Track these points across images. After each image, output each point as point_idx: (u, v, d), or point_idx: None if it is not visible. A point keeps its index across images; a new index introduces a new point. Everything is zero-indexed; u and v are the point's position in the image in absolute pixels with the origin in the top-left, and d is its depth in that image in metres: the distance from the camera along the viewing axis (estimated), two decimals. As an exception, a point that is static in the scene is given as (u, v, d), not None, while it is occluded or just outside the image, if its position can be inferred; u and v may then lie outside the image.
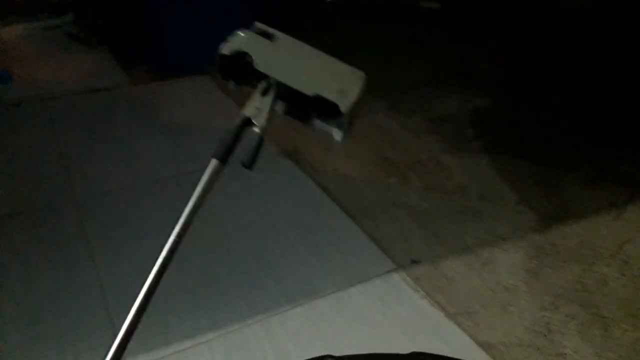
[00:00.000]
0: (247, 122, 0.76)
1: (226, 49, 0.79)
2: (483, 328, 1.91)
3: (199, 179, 0.75)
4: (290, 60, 0.81)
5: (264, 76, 0.79)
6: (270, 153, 2.87)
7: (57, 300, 1.96)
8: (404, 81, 3.71)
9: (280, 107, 0.83)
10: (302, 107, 0.81)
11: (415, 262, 2.18)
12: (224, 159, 0.73)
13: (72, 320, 1.89)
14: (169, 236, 0.69)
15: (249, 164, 0.74)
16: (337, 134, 0.80)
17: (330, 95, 0.75)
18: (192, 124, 3.14)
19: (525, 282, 2.11)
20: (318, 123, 0.83)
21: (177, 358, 1.78)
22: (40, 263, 2.13)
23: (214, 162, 0.72)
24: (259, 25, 0.85)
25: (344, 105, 0.74)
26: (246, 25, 0.90)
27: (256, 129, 0.74)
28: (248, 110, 0.76)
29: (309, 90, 0.76)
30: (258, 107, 0.76)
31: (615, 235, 2.35)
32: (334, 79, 0.77)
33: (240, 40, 0.80)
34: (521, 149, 2.98)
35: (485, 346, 1.84)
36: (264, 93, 0.78)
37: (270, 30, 0.84)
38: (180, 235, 0.70)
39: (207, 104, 3.39)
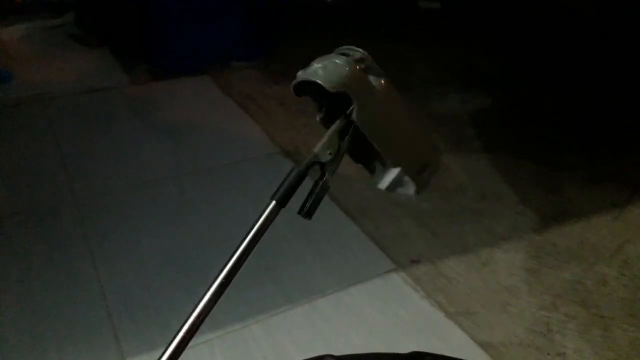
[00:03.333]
0: (315, 165, 0.68)
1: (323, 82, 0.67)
2: (483, 328, 1.91)
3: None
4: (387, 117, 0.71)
5: (344, 114, 0.68)
6: (272, 153, 2.88)
7: (57, 300, 1.96)
8: (403, 81, 3.70)
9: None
10: (366, 153, 0.73)
11: (415, 262, 2.19)
12: (283, 203, 0.65)
13: (72, 320, 1.89)
14: (215, 277, 0.64)
15: (308, 213, 0.65)
16: (409, 189, 0.73)
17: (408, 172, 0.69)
18: (192, 123, 3.15)
19: (525, 282, 2.11)
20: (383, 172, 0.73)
21: (177, 358, 1.78)
22: (40, 263, 2.13)
23: (272, 204, 0.64)
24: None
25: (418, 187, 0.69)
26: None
27: (326, 175, 0.66)
28: (320, 152, 0.67)
29: (391, 158, 0.70)
30: (331, 151, 0.68)
31: (615, 236, 2.36)
32: (413, 152, 0.70)
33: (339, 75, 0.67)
34: (521, 149, 2.98)
35: (485, 346, 1.84)
36: (341, 135, 0.69)
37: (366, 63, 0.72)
38: (228, 277, 0.64)
39: (206, 104, 3.40)
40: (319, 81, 0.65)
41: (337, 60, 0.66)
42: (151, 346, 1.80)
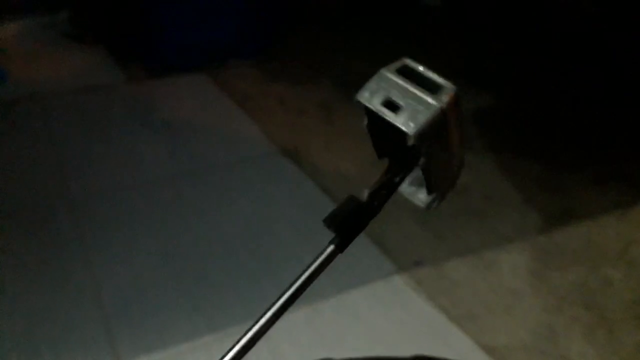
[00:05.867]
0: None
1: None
2: (487, 331, 1.90)
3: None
4: None
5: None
6: (270, 153, 2.86)
7: (52, 303, 1.96)
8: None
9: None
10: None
11: (417, 264, 2.16)
12: (342, 249, 0.58)
13: (67, 322, 1.89)
14: (264, 313, 0.57)
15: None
16: (421, 199, 0.64)
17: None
18: (189, 122, 3.13)
19: (529, 284, 2.10)
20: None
21: (174, 361, 1.77)
22: (35, 265, 2.12)
23: (331, 248, 0.59)
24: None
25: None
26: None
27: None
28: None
29: None
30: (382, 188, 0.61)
31: (620, 236, 2.34)
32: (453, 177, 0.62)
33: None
34: (526, 148, 2.96)
35: (488, 350, 1.83)
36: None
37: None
38: (277, 314, 0.56)
39: (204, 102, 3.38)
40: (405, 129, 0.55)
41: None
42: (147, 349, 1.79)
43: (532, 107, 3.42)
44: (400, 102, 0.54)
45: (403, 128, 0.53)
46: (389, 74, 0.56)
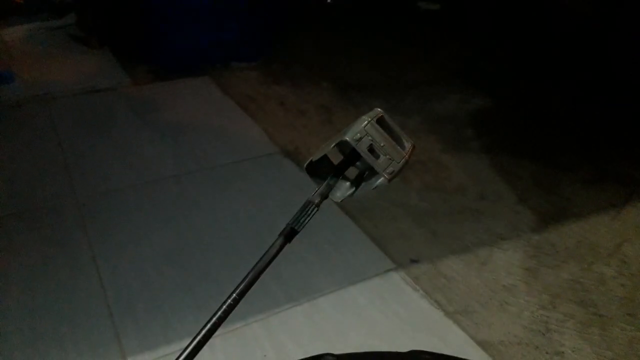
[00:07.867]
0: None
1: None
2: (482, 327, 1.92)
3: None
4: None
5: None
6: (272, 153, 2.88)
7: (58, 300, 1.97)
8: (403, 81, 3.72)
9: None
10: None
11: (414, 261, 2.19)
12: (290, 238, 0.69)
13: (73, 319, 1.90)
14: (229, 296, 0.66)
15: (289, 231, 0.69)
16: (377, 181, 0.75)
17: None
18: (192, 123, 3.15)
19: (524, 281, 2.11)
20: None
21: (178, 357, 1.78)
22: (41, 262, 2.13)
23: (280, 240, 0.68)
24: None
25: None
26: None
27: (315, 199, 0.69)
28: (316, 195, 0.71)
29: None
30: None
31: (613, 235, 2.36)
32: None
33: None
34: (521, 148, 2.98)
35: (484, 345, 1.85)
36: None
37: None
38: (240, 297, 0.66)
39: (207, 104, 3.40)
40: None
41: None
42: (152, 345, 1.80)
43: (528, 108, 3.44)
44: (380, 152, 0.69)
45: (382, 175, 0.69)
46: (371, 126, 0.70)
